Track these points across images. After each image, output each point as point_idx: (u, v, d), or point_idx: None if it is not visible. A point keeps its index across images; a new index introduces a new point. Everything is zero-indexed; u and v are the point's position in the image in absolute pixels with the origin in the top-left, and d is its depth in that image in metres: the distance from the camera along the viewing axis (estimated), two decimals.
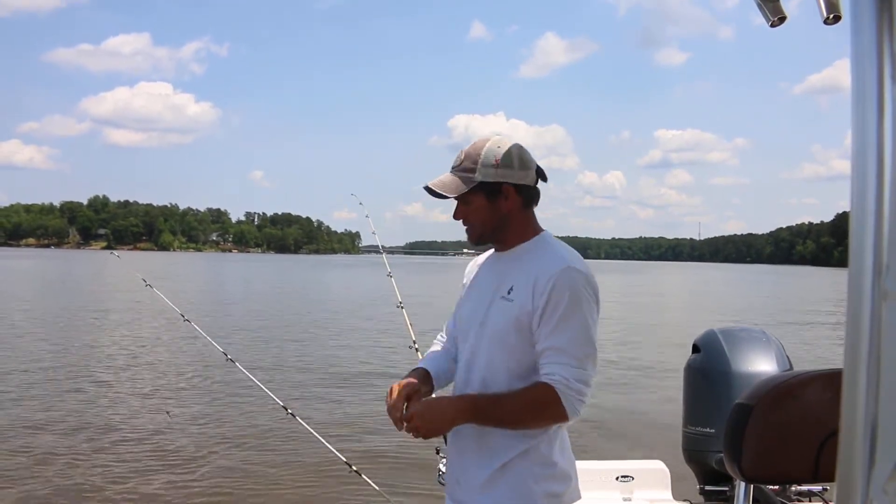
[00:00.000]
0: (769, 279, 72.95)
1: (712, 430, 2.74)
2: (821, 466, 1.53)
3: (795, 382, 1.68)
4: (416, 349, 3.43)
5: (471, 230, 1.86)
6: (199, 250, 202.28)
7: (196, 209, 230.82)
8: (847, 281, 0.51)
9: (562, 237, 1.97)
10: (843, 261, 0.55)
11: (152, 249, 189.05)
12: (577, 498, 1.81)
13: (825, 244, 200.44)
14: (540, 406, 1.69)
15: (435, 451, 2.90)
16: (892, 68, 0.49)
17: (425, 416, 1.72)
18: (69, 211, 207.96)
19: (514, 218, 1.83)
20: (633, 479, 3.11)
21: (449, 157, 1.89)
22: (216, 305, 23.87)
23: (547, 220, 1.88)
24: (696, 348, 2.98)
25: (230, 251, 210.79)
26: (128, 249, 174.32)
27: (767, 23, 1.06)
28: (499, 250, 1.91)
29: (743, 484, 1.86)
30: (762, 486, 2.33)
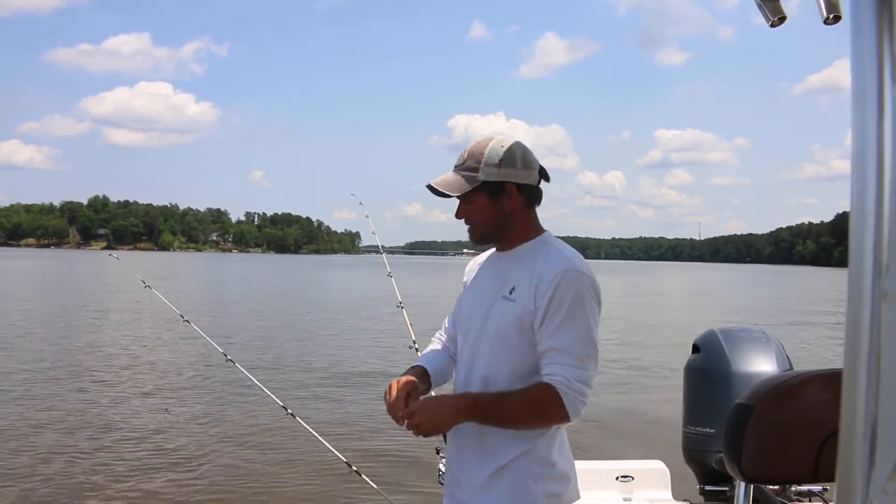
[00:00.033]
0: (769, 279, 72.94)
1: (712, 430, 2.74)
2: (821, 466, 1.53)
3: (795, 382, 1.67)
4: (416, 349, 3.42)
5: (473, 229, 1.86)
6: (199, 250, 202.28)
7: (196, 209, 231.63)
8: (847, 281, 0.51)
9: (562, 237, 1.96)
10: (843, 261, 0.54)
11: (152, 249, 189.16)
12: (577, 498, 1.81)
13: (825, 244, 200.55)
14: (541, 406, 1.69)
15: (435, 451, 2.90)
16: (892, 68, 0.49)
17: (426, 414, 1.72)
18: (69, 211, 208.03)
19: (516, 217, 1.82)
20: (633, 479, 3.12)
21: (449, 156, 1.90)
22: (216, 305, 23.89)
23: (547, 219, 1.87)
24: (696, 348, 2.98)
25: (230, 251, 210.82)
26: (128, 249, 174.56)
27: (767, 23, 1.06)
28: (500, 250, 1.90)
29: (743, 484, 1.85)
30: (762, 486, 2.33)
